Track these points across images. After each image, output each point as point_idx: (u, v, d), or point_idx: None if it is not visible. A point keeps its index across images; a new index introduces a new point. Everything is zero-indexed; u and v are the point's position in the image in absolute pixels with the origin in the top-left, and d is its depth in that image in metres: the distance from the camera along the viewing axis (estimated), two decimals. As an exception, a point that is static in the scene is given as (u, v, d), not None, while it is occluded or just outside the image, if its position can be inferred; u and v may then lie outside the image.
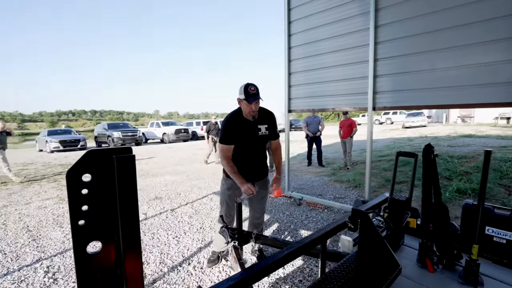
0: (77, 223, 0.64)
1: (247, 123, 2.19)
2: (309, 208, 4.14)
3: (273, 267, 1.16)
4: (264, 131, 2.25)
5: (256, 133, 2.22)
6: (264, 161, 2.42)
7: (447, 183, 4.80)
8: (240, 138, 2.18)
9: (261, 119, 2.24)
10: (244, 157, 2.26)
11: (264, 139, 2.29)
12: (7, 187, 6.34)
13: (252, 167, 2.31)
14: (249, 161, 2.29)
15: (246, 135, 2.19)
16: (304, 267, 2.46)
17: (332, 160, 8.57)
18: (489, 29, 2.75)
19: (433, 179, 1.54)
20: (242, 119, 2.18)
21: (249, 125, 2.20)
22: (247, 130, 2.19)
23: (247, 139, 2.21)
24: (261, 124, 2.24)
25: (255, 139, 2.24)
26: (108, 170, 0.65)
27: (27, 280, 2.40)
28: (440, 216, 1.53)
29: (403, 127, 20.38)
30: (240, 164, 2.27)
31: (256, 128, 2.22)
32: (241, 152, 2.24)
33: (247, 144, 2.22)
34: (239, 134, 2.17)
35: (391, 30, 3.38)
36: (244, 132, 2.18)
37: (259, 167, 2.37)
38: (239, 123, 2.18)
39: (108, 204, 0.67)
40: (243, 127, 2.18)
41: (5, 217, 4.16)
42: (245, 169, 2.30)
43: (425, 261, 1.57)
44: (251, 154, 2.28)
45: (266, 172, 2.44)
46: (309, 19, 4.22)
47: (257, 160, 2.33)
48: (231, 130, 2.16)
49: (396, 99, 3.45)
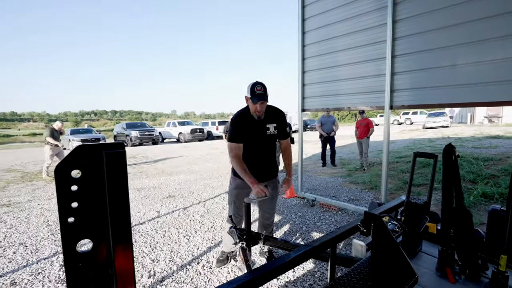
0: (66, 220, 0.62)
1: (255, 122, 2.14)
2: (322, 210, 4.03)
3: (279, 271, 1.11)
4: (272, 130, 2.19)
5: (264, 132, 2.17)
6: (274, 161, 2.36)
7: (472, 186, 4.51)
8: (248, 137, 2.13)
9: (270, 118, 2.18)
10: (253, 157, 2.21)
11: (273, 138, 2.23)
12: (32, 183, 6.66)
13: (261, 167, 2.26)
14: (258, 160, 2.24)
15: (254, 134, 2.14)
16: (315, 271, 2.38)
17: (347, 161, 8.35)
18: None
19: (455, 182, 1.42)
20: (250, 117, 2.13)
21: (257, 124, 2.15)
22: (255, 129, 2.14)
23: (255, 138, 2.16)
24: (270, 123, 2.18)
25: (264, 138, 2.18)
26: (98, 166, 0.63)
27: (43, 273, 2.48)
28: (462, 222, 1.41)
29: (424, 128, 19.55)
30: (249, 164, 2.21)
31: (265, 127, 2.17)
32: (249, 151, 2.19)
33: (255, 143, 2.17)
34: (247, 133, 2.12)
35: (410, 25, 3.22)
36: (252, 131, 2.13)
37: (269, 167, 2.31)
38: (247, 121, 2.13)
39: (98, 201, 0.64)
40: (251, 126, 2.13)
41: (28, 211, 4.36)
42: (254, 169, 2.25)
43: (445, 270, 1.46)
44: (260, 154, 2.23)
45: (276, 172, 2.38)
46: (323, 16, 4.11)
47: (266, 159, 2.27)
48: (239, 128, 2.12)
49: (415, 97, 3.28)
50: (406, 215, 1.70)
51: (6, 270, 2.55)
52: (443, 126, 18.98)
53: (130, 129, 17.39)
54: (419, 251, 1.74)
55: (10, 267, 2.59)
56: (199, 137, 19.27)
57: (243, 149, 2.17)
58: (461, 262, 1.45)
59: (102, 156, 0.62)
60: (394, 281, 1.22)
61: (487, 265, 1.43)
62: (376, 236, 1.35)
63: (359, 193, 4.90)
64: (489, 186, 4.35)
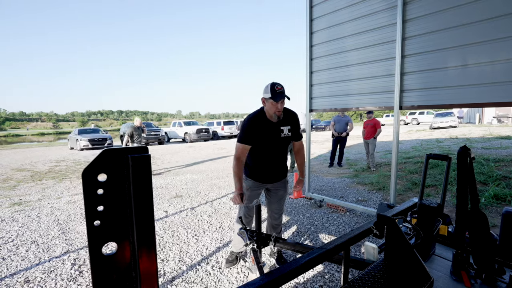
0: (92, 223, 0.63)
1: (270, 124, 2.13)
2: (330, 211, 4.02)
3: (293, 274, 1.11)
4: (286, 133, 2.19)
5: (278, 134, 2.16)
6: (284, 162, 2.37)
7: (482, 188, 4.44)
8: (262, 139, 2.13)
9: (284, 120, 2.18)
10: (265, 158, 2.22)
11: (287, 140, 2.23)
12: (42, 182, 6.77)
13: (272, 168, 2.28)
14: (270, 162, 2.25)
15: (268, 136, 2.14)
16: (325, 272, 2.37)
17: (354, 161, 8.29)
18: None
19: (470, 184, 1.40)
20: (265, 120, 2.13)
21: (272, 127, 2.14)
22: (270, 131, 2.14)
23: (269, 141, 2.15)
24: (284, 125, 2.18)
25: (277, 141, 2.18)
26: (124, 169, 0.64)
27: (55, 271, 2.52)
28: (478, 225, 1.39)
29: (431, 128, 19.29)
30: (260, 165, 2.24)
31: (279, 130, 2.16)
32: (262, 153, 2.20)
33: (268, 145, 2.17)
34: (261, 135, 2.12)
35: (420, 24, 3.18)
36: (266, 133, 2.13)
37: (279, 168, 2.33)
38: (262, 124, 2.12)
39: (123, 205, 0.65)
40: (265, 128, 2.12)
41: (39, 210, 4.43)
42: (265, 170, 2.27)
43: (460, 274, 1.44)
44: (272, 156, 2.24)
45: (285, 172, 2.39)
46: (331, 16, 4.09)
47: (277, 161, 2.28)
48: (252, 130, 2.11)
49: (425, 98, 3.24)
50: (418, 217, 1.68)
51: (20, 268, 2.60)
52: (450, 127, 18.71)
53: (136, 129, 17.53)
54: (432, 254, 1.72)
55: (23, 265, 2.64)
56: (205, 137, 19.35)
57: (256, 150, 2.17)
58: (476, 266, 1.43)
59: (128, 160, 0.63)
60: (409, 284, 1.21)
61: (504, 270, 1.41)
62: (390, 239, 1.34)
63: (367, 194, 4.86)
64: (500, 187, 4.28)
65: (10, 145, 24.50)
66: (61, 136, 49.83)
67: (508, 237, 1.54)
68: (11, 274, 2.49)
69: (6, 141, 35.24)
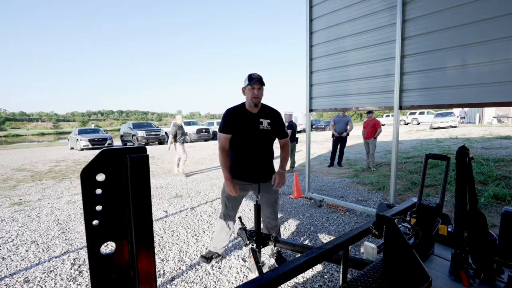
0: (91, 223, 0.63)
1: (249, 114, 2.16)
2: (330, 210, 4.02)
3: (293, 273, 1.11)
4: (266, 126, 2.19)
5: (257, 126, 2.16)
6: (270, 162, 2.33)
7: (482, 188, 4.44)
8: (240, 129, 2.14)
9: (264, 113, 2.21)
10: (246, 153, 2.21)
11: (267, 134, 2.21)
12: (42, 182, 6.78)
13: (255, 165, 2.23)
14: (252, 158, 2.22)
15: (247, 126, 2.14)
16: (324, 272, 2.37)
17: (354, 161, 8.30)
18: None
19: (469, 184, 1.40)
20: (245, 111, 2.17)
21: (250, 117, 2.16)
22: (248, 121, 2.15)
23: (247, 131, 2.15)
24: (264, 118, 2.19)
25: (256, 133, 2.17)
26: (122, 169, 0.64)
27: (55, 271, 2.52)
28: (477, 225, 1.39)
29: (431, 128, 19.29)
30: (242, 160, 2.22)
31: (258, 121, 2.16)
32: (242, 146, 2.20)
33: (247, 137, 2.16)
34: (240, 125, 2.14)
35: (420, 24, 3.18)
36: (245, 123, 2.14)
37: (264, 167, 2.27)
38: (241, 114, 2.15)
39: (121, 204, 0.66)
40: (244, 118, 2.15)
41: (39, 210, 4.44)
42: (247, 167, 2.23)
43: (459, 274, 1.44)
44: (254, 150, 2.21)
45: (270, 174, 2.32)
46: (331, 15, 4.09)
47: (260, 158, 2.24)
48: (231, 120, 2.14)
49: (425, 98, 3.24)
50: (417, 217, 1.68)
51: (19, 267, 2.60)
52: (450, 127, 18.71)
53: (136, 129, 17.55)
54: (431, 254, 1.72)
55: (23, 265, 2.65)
56: (205, 137, 19.35)
57: (237, 144, 2.19)
58: (475, 265, 1.43)
59: (126, 160, 0.63)
60: (408, 284, 1.22)
61: (502, 269, 1.41)
62: (389, 239, 1.34)
63: (366, 193, 4.86)
64: (500, 187, 4.27)
65: (10, 145, 24.51)
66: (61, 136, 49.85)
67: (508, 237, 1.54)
68: (11, 274, 2.49)
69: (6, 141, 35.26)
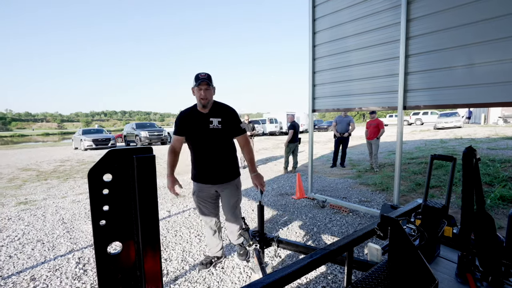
0: (98, 223, 0.63)
1: (199, 115, 2.16)
2: (333, 211, 4.00)
3: (296, 275, 1.10)
4: (216, 124, 2.15)
5: (207, 125, 2.14)
6: (229, 162, 2.26)
7: (488, 189, 4.40)
8: (191, 129, 2.16)
9: (215, 112, 2.18)
10: (201, 154, 2.20)
11: (218, 133, 2.17)
12: (47, 182, 6.84)
13: (211, 166, 2.19)
14: (207, 159, 2.18)
15: (196, 127, 2.15)
16: (328, 273, 2.36)
17: (357, 162, 8.25)
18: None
19: (476, 186, 1.38)
20: (195, 111, 2.18)
21: (200, 117, 2.16)
22: (198, 122, 2.15)
23: (197, 132, 2.15)
24: (214, 117, 2.16)
25: (206, 132, 2.15)
26: (128, 170, 0.64)
27: (61, 269, 2.54)
28: (484, 227, 1.37)
29: (435, 128, 19.15)
30: (199, 162, 2.22)
31: (208, 121, 2.15)
32: (196, 148, 2.20)
33: (199, 137, 2.17)
34: (190, 126, 2.16)
35: (425, 23, 3.16)
36: (195, 124, 2.15)
37: (221, 168, 2.21)
38: (192, 115, 2.17)
39: (128, 204, 0.66)
40: (194, 119, 2.16)
41: (44, 209, 4.48)
42: (204, 168, 2.21)
43: (466, 276, 1.42)
44: (208, 151, 2.18)
45: (232, 175, 2.26)
46: (334, 15, 4.07)
47: (216, 158, 2.19)
48: (182, 122, 2.17)
49: (430, 98, 3.21)
50: (423, 218, 1.67)
51: (26, 266, 2.63)
52: (455, 127, 18.55)
53: (139, 129, 17.64)
54: (436, 256, 1.71)
55: (30, 263, 2.67)
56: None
57: (192, 145, 2.21)
58: (482, 268, 1.41)
59: (133, 160, 0.64)
60: (413, 286, 1.20)
61: (511, 272, 1.39)
62: (394, 240, 1.33)
63: (370, 194, 4.84)
64: (507, 188, 4.23)
65: (16, 145, 24.78)
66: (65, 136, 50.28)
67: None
68: (17, 272, 2.52)
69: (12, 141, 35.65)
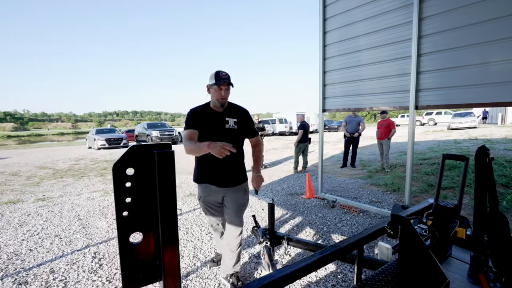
0: (121, 214, 0.68)
1: (214, 113, 2.04)
2: (343, 211, 3.98)
3: (307, 270, 1.13)
4: (232, 125, 2.06)
5: (223, 125, 2.03)
6: (240, 165, 2.15)
7: (504, 190, 4.28)
8: (205, 127, 2.00)
9: (231, 112, 2.09)
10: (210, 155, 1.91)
11: (233, 134, 2.06)
12: (63, 180, 7.07)
13: (222, 167, 2.03)
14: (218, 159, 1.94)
15: (211, 125, 2.02)
16: (338, 272, 2.37)
17: (368, 162, 8.16)
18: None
19: (489, 185, 1.37)
20: (209, 109, 2.06)
21: (215, 116, 2.04)
22: (213, 120, 2.02)
23: (212, 130, 2.01)
24: (230, 117, 2.07)
25: (222, 132, 2.03)
26: (150, 164, 0.69)
27: (78, 263, 2.65)
28: (498, 227, 1.36)
29: (449, 129, 18.65)
30: (208, 163, 2.03)
31: (224, 120, 2.04)
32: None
33: (213, 137, 1.99)
34: (205, 124, 2.00)
35: (438, 22, 3.11)
36: (210, 122, 2.02)
37: (232, 170, 2.08)
38: (206, 113, 2.03)
39: (149, 197, 0.70)
40: (209, 117, 2.02)
41: (60, 206, 4.65)
42: (213, 169, 2.04)
43: (478, 277, 1.41)
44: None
45: (241, 179, 2.13)
46: (345, 15, 4.06)
47: (229, 160, 1.97)
48: (195, 118, 2.01)
49: (443, 97, 3.16)
50: (434, 218, 1.66)
51: (45, 259, 2.75)
52: (470, 127, 18.01)
53: (151, 129, 17.97)
54: (448, 256, 1.69)
55: (48, 257, 2.79)
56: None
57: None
58: (496, 269, 1.40)
59: (154, 155, 0.68)
60: (424, 285, 1.21)
61: (525, 273, 1.37)
62: (404, 239, 1.33)
63: (380, 195, 4.78)
64: (523, 190, 4.10)
65: (33, 144, 25.67)
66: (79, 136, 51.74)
67: None
68: (38, 264, 2.64)
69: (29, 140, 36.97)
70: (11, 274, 2.47)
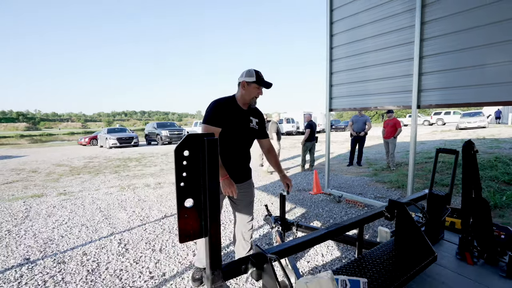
0: (179, 184, 0.93)
1: (240, 110, 2.01)
2: (348, 206, 4.19)
3: (314, 242, 1.36)
4: (254, 125, 2.10)
5: (247, 123, 2.05)
6: (248, 162, 2.23)
7: (506, 187, 4.41)
8: (230, 123, 1.96)
9: (253, 112, 2.12)
10: (232, 151, 2.02)
11: (254, 133, 2.13)
12: (80, 176, 7.45)
13: (237, 163, 2.07)
14: (235, 155, 2.05)
15: (238, 121, 1.98)
16: (343, 257, 2.59)
17: (374, 161, 8.30)
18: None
19: (473, 174, 1.58)
20: (236, 105, 2.01)
21: (241, 113, 2.01)
22: (239, 117, 1.99)
23: (238, 127, 1.99)
24: (254, 117, 2.11)
25: (246, 131, 2.05)
26: (200, 147, 0.93)
27: (106, 248, 2.93)
28: (480, 210, 1.57)
29: (457, 129, 18.52)
30: (226, 159, 2.01)
31: (248, 119, 2.05)
32: (228, 142, 1.99)
33: (236, 134, 1.99)
34: (230, 119, 1.95)
35: (438, 26, 3.29)
36: (236, 118, 1.98)
37: (243, 167, 2.14)
38: (232, 107, 1.98)
39: (199, 172, 0.95)
40: (235, 112, 1.98)
41: (82, 199, 4.98)
42: (232, 165, 2.04)
43: (465, 255, 1.62)
44: (239, 148, 2.06)
45: (249, 174, 2.23)
46: (351, 19, 4.26)
47: (242, 156, 2.10)
48: (221, 112, 1.92)
49: (443, 97, 3.34)
50: (428, 205, 1.87)
51: (76, 244, 3.05)
52: (479, 127, 17.85)
53: (160, 128, 18.39)
54: (440, 239, 1.90)
55: (79, 242, 3.09)
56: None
57: (222, 139, 1.98)
58: (480, 247, 1.60)
59: (204, 141, 0.92)
60: (415, 257, 1.43)
61: (506, 251, 1.57)
62: (400, 221, 1.55)
63: (385, 191, 4.96)
64: (524, 187, 4.23)
65: (45, 143, 26.47)
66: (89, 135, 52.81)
67: None
68: (71, 248, 2.94)
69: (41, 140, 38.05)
70: (49, 255, 2.78)
